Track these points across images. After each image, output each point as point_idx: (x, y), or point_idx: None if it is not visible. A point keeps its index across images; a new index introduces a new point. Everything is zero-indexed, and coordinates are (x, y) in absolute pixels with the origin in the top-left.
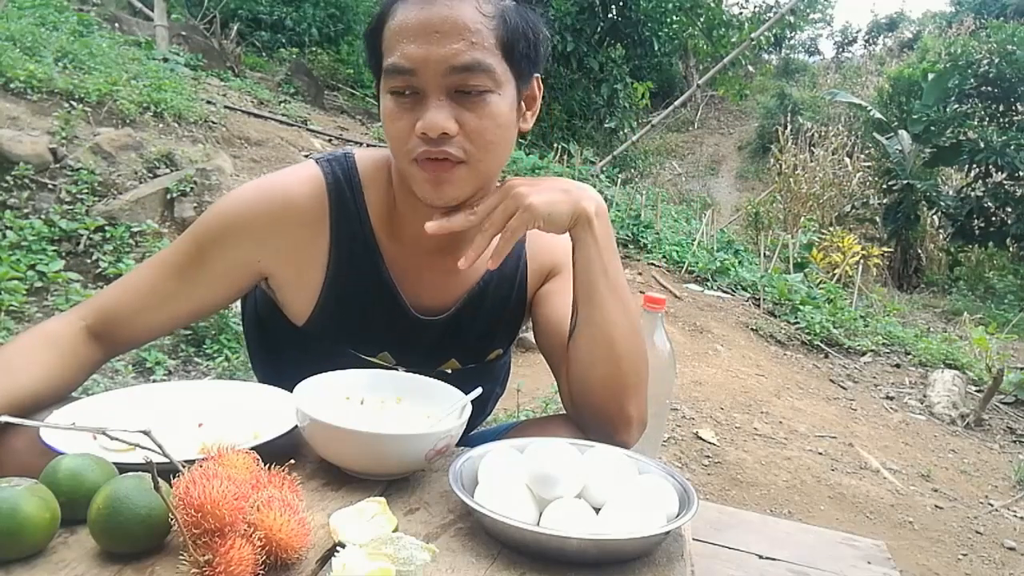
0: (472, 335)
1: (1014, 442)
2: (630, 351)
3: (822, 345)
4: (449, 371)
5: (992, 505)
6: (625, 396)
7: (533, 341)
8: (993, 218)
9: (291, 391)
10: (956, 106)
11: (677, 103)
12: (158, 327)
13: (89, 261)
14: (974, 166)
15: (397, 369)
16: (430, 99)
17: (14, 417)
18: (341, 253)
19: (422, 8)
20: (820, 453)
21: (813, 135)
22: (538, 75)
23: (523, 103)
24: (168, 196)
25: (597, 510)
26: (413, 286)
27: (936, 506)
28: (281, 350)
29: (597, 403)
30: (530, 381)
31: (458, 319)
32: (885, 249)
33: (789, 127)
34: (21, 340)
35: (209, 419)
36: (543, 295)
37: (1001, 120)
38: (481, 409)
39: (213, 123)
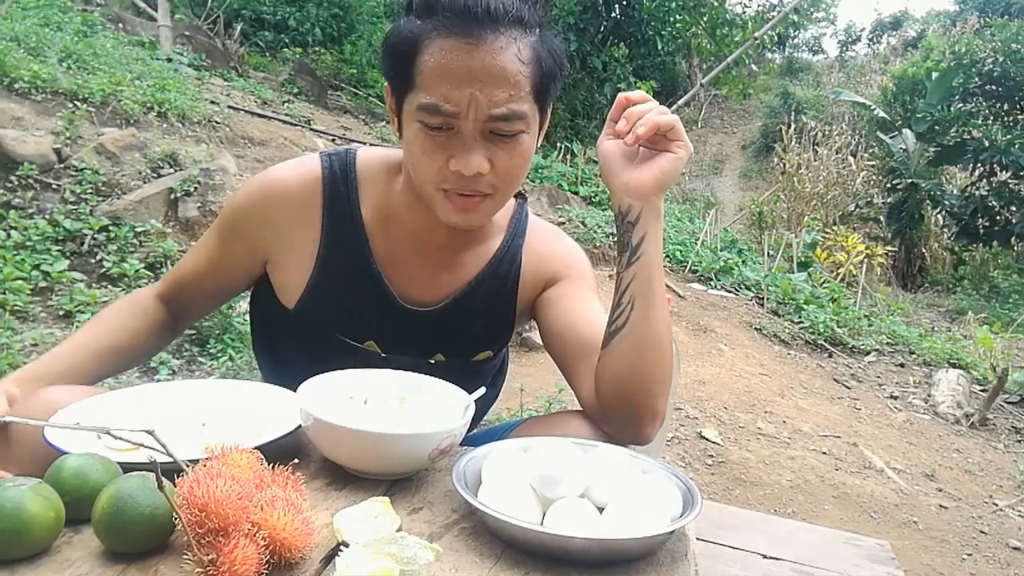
0: (460, 332)
1: (1019, 442)
2: (669, 346)
3: (826, 345)
4: (433, 361)
5: (997, 505)
6: (660, 391)
7: (535, 341)
8: (997, 217)
9: (288, 376)
10: (960, 105)
11: (680, 102)
12: (209, 296)
13: (93, 261)
14: (978, 165)
15: (384, 357)
16: (467, 140)
17: (36, 425)
18: (331, 241)
19: (467, 53)
20: (824, 453)
21: (817, 134)
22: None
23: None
24: (172, 196)
25: (601, 510)
26: (403, 279)
27: (940, 506)
28: (277, 334)
29: (631, 398)
30: (533, 380)
31: (447, 314)
32: (889, 248)
33: (793, 126)
34: (111, 305)
35: (213, 418)
36: (548, 299)
37: (1006, 119)
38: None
39: (217, 123)
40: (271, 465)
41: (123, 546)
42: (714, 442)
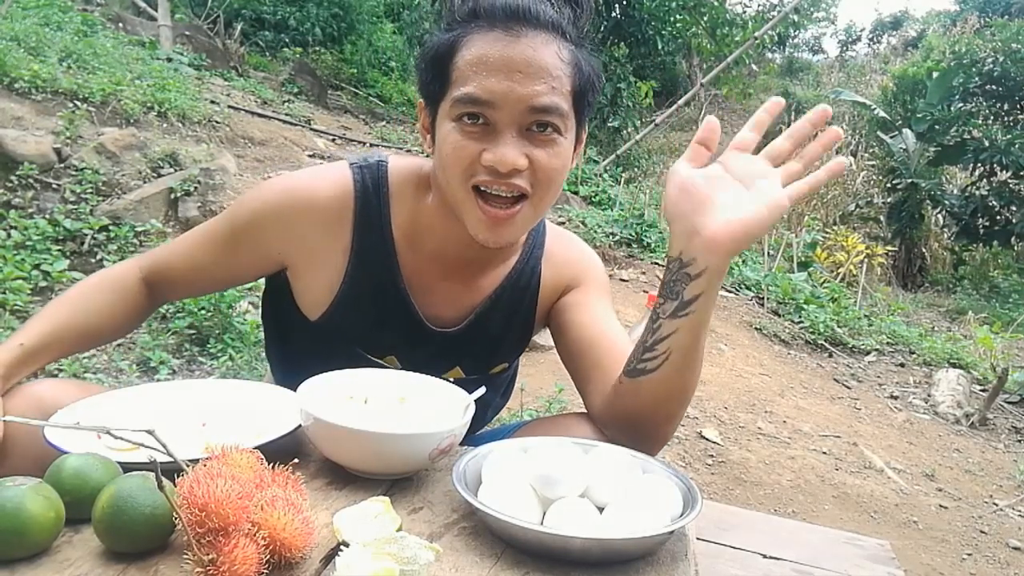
0: (480, 346)
1: (1019, 442)
2: (694, 389)
3: (826, 344)
4: (452, 380)
5: (997, 505)
6: (676, 422)
7: (536, 341)
8: (998, 217)
9: (298, 378)
10: (960, 104)
11: (680, 102)
12: (198, 287)
13: (93, 261)
14: (978, 165)
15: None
16: (504, 134)
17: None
18: (360, 258)
19: (506, 45)
20: (824, 452)
21: (817, 134)
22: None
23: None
24: (172, 196)
25: (601, 510)
26: (428, 297)
27: (940, 506)
28: (293, 342)
29: (645, 427)
30: (533, 381)
31: (468, 332)
32: (889, 248)
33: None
34: (92, 280)
35: (213, 418)
36: (564, 306)
37: (1006, 118)
38: (480, 416)
39: (217, 123)
40: (271, 465)
41: (123, 546)
42: (714, 442)
